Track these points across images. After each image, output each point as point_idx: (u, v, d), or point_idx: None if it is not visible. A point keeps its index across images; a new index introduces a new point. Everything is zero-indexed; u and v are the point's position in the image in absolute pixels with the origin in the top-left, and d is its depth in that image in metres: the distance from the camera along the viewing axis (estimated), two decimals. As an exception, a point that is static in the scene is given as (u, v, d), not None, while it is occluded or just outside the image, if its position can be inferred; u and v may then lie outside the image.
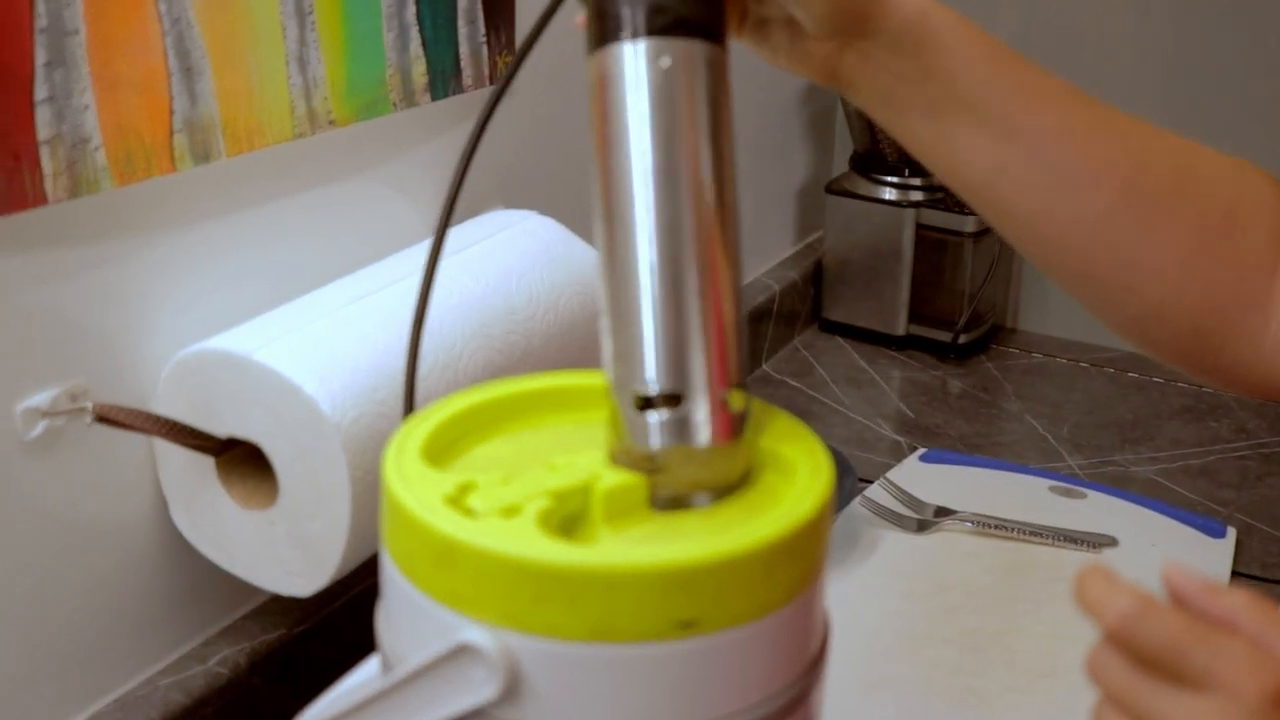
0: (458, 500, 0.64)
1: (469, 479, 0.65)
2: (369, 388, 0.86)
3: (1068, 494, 1.28)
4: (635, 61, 0.62)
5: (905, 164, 1.54)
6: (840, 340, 1.61)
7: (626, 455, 0.66)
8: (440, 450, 0.70)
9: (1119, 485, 1.32)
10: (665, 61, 0.60)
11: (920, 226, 1.53)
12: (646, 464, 0.66)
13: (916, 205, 1.53)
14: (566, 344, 1.00)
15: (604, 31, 0.63)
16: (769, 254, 1.60)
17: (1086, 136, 0.76)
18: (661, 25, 0.60)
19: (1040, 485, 1.29)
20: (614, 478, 0.66)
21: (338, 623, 0.99)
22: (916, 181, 1.54)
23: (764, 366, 1.54)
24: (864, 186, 1.56)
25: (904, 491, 1.25)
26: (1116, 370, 1.55)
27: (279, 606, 0.97)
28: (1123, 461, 1.36)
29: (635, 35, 0.61)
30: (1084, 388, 1.52)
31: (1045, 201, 0.75)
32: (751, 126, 1.51)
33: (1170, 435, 1.42)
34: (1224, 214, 0.76)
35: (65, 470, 0.86)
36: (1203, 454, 1.38)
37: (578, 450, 0.70)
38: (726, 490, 0.68)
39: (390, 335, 0.89)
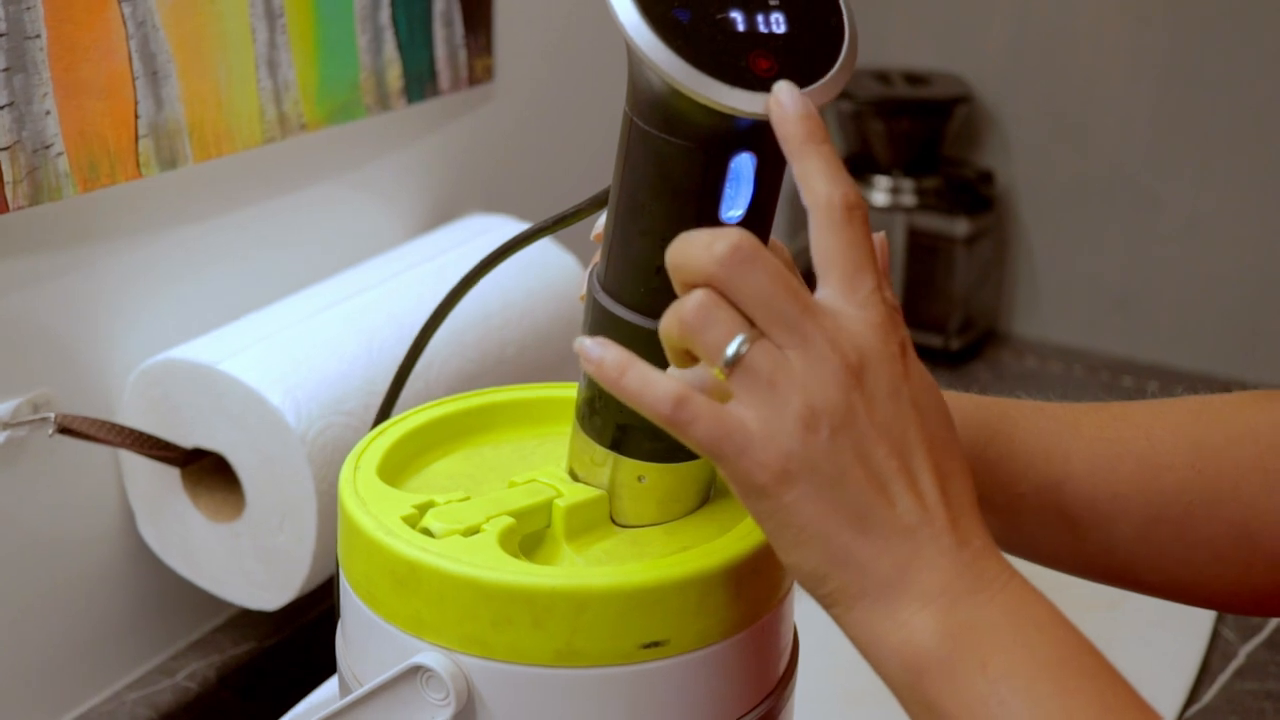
0: (416, 520, 0.62)
1: (427, 498, 0.64)
2: (336, 398, 0.84)
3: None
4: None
5: (896, 165, 1.53)
6: (831, 345, 1.59)
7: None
8: (398, 467, 0.68)
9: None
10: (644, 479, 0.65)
11: (912, 231, 1.51)
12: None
13: (908, 209, 1.51)
14: (542, 352, 0.98)
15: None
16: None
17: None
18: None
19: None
20: (574, 494, 0.65)
21: (308, 636, 0.97)
22: (908, 184, 1.53)
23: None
24: (855, 189, 1.54)
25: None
26: (1111, 375, 1.53)
27: (249, 620, 0.96)
28: (1115, 469, 1.34)
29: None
30: (1078, 396, 1.48)
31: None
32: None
33: (1163, 442, 1.40)
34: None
35: (28, 482, 0.84)
36: (1196, 462, 1.36)
37: (537, 465, 0.69)
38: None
39: (359, 344, 0.87)
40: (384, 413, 0.75)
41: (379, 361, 0.87)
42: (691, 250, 0.54)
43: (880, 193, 1.53)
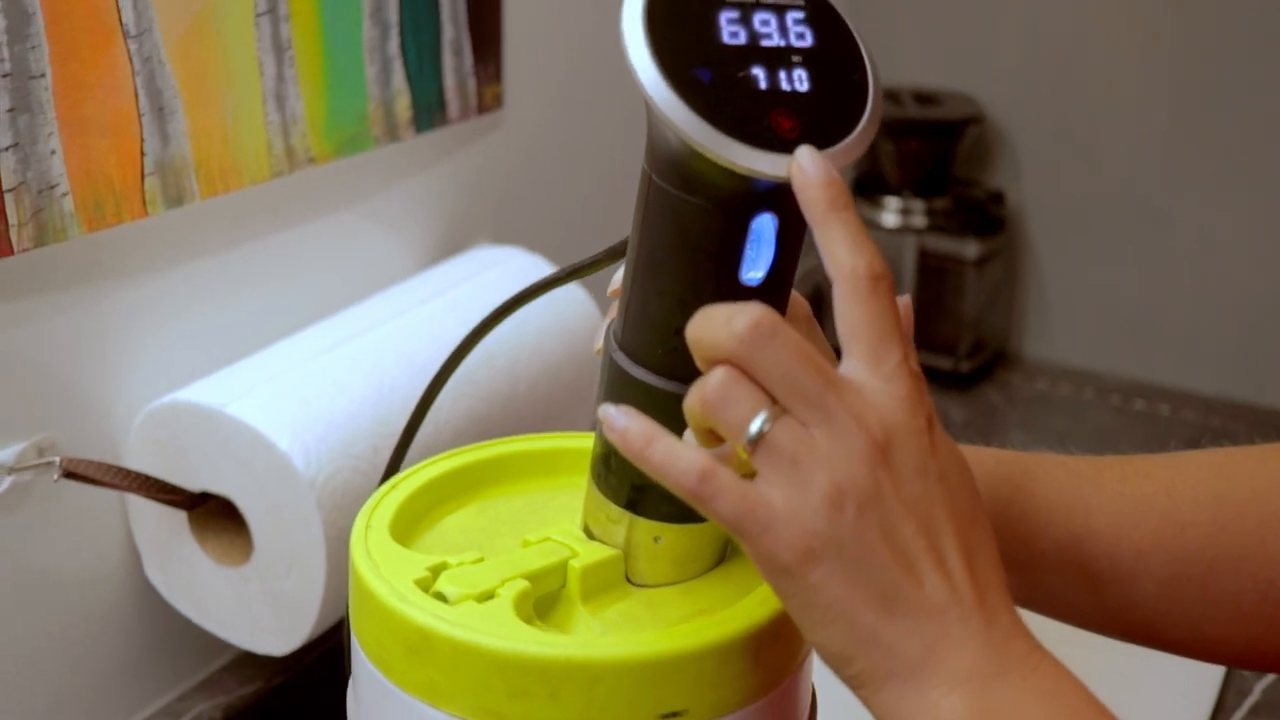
0: (429, 584, 0.61)
1: (440, 560, 0.62)
2: (345, 441, 0.83)
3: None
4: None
5: (906, 186, 1.51)
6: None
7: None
8: (410, 522, 0.67)
9: (1123, 522, 1.28)
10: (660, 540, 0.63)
11: (922, 252, 1.50)
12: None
13: (918, 231, 1.50)
14: (552, 389, 0.97)
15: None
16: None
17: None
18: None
19: (1042, 522, 1.26)
20: (589, 555, 0.64)
21: (315, 676, 0.96)
22: (918, 205, 1.51)
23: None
24: (864, 210, 1.53)
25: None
26: (1122, 398, 1.52)
27: (255, 660, 0.94)
28: (1127, 496, 1.33)
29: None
30: (1089, 419, 1.48)
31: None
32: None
33: (1176, 468, 1.38)
34: None
35: (34, 524, 0.83)
36: (1209, 488, 1.35)
37: (551, 520, 0.67)
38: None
39: (367, 385, 0.86)
40: (394, 464, 0.74)
41: (388, 401, 0.86)
42: (711, 327, 0.53)
43: (890, 214, 1.52)
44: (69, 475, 0.81)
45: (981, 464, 0.69)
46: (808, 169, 0.53)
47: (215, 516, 0.86)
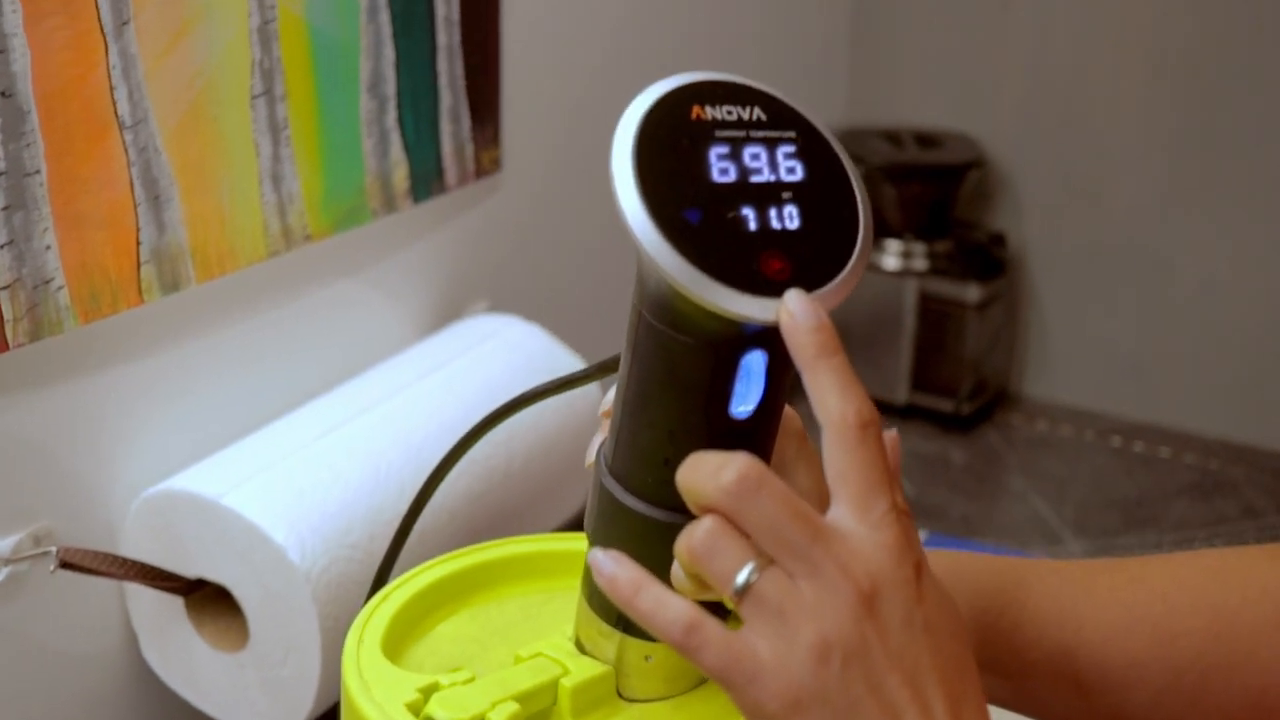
0: (420, 707, 0.61)
1: (431, 680, 0.63)
2: (340, 530, 0.83)
3: (1070, 586, 1.25)
4: None
5: (907, 229, 1.51)
6: (841, 406, 1.57)
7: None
8: (402, 632, 0.67)
9: (1123, 573, 1.28)
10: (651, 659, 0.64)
11: (923, 295, 1.50)
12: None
13: (919, 274, 1.50)
14: (549, 461, 0.97)
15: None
16: (769, 316, 1.56)
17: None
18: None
19: (1042, 576, 1.26)
20: (580, 672, 0.64)
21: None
22: (919, 248, 1.51)
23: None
24: (865, 252, 1.53)
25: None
26: (1123, 440, 1.52)
27: (253, 736, 0.95)
28: (1126, 546, 1.33)
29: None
30: (1089, 463, 1.48)
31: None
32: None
33: (1175, 515, 1.38)
34: None
35: (33, 610, 0.83)
36: (1208, 536, 1.35)
37: (545, 629, 0.68)
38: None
39: (363, 471, 0.86)
40: (386, 568, 0.74)
41: (384, 487, 0.86)
42: (699, 478, 0.53)
43: (891, 256, 1.52)
44: (65, 566, 0.81)
45: (975, 575, 0.69)
46: (796, 314, 0.53)
47: (212, 602, 0.86)
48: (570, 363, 1.01)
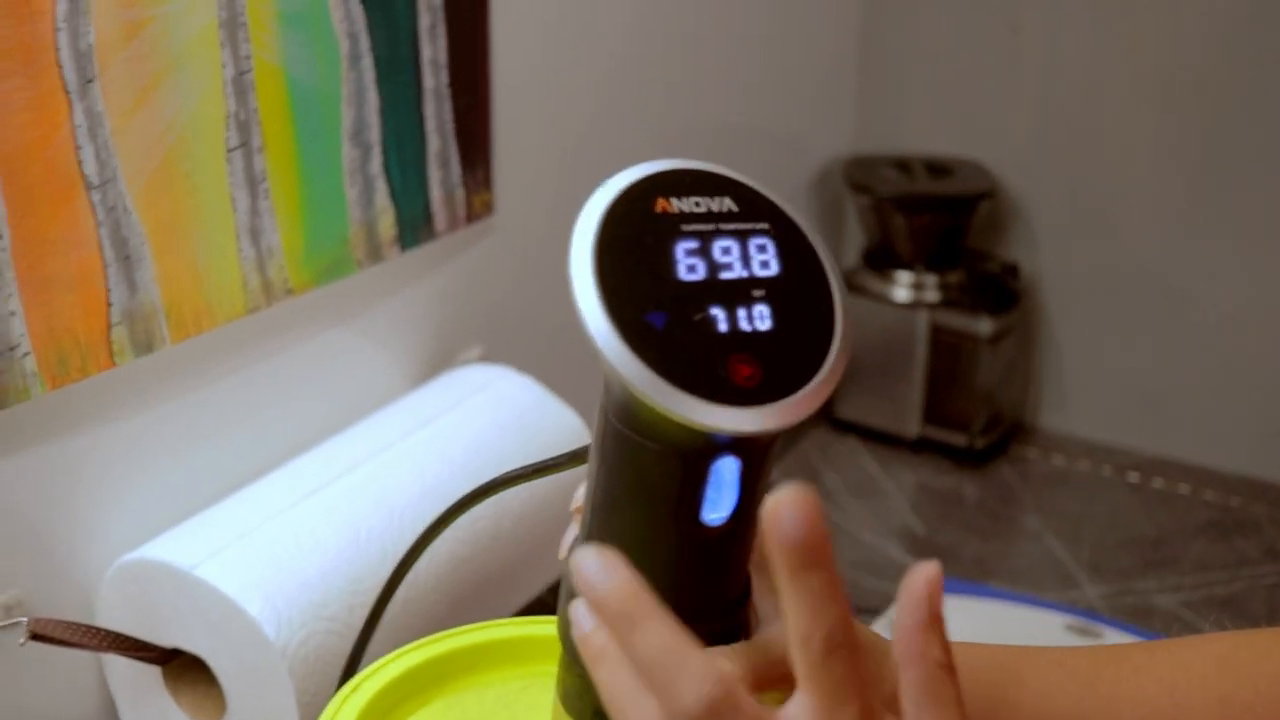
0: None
1: (399, 782, 0.60)
2: (317, 603, 0.80)
3: (1083, 633, 1.21)
4: None
5: (918, 260, 1.48)
6: (853, 441, 1.54)
7: None
8: (375, 724, 0.64)
9: (1140, 619, 1.25)
10: None
11: (934, 328, 1.46)
12: None
13: (930, 306, 1.46)
14: (539, 522, 0.94)
15: None
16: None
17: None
18: None
19: (1056, 623, 1.22)
20: (559, 770, 0.61)
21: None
22: (931, 279, 1.48)
23: (770, 474, 1.48)
24: (875, 283, 1.49)
25: (910, 633, 1.19)
26: (1141, 475, 1.48)
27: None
28: (1144, 589, 1.29)
29: None
30: (1106, 499, 1.45)
31: None
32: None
33: (1195, 556, 1.35)
34: None
35: (7, 676, 0.81)
36: (1228, 579, 1.31)
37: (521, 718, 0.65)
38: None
39: (343, 538, 0.83)
40: (358, 653, 0.71)
41: (365, 554, 0.83)
42: (667, 694, 0.49)
43: (902, 288, 1.48)
44: (36, 637, 0.79)
45: (970, 666, 0.65)
46: (785, 523, 0.48)
47: (190, 670, 0.84)
48: (562, 417, 0.98)
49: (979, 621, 1.22)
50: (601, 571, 0.50)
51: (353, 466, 0.89)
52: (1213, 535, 1.39)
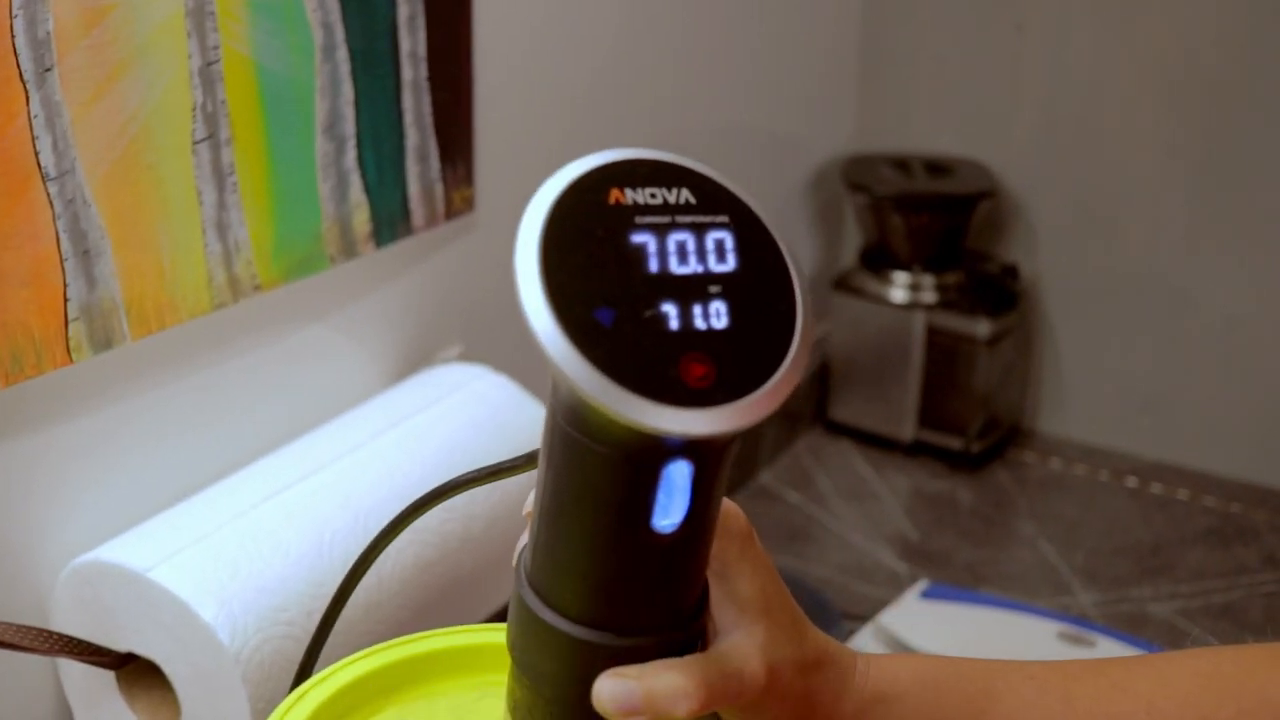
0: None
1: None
2: (275, 607, 0.78)
3: (1076, 641, 1.19)
4: None
5: (915, 260, 1.45)
6: (846, 443, 1.52)
7: None
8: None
9: (1133, 627, 1.23)
10: None
11: (931, 329, 1.44)
12: None
13: (928, 307, 1.44)
14: (510, 526, 0.92)
15: None
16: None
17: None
18: None
19: (1048, 631, 1.20)
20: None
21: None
22: (928, 280, 1.45)
23: (762, 476, 1.46)
24: (872, 284, 1.47)
25: (897, 640, 1.17)
26: (1139, 480, 1.46)
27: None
28: (1139, 597, 1.27)
29: None
30: (1103, 505, 1.42)
31: None
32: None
33: (1192, 564, 1.32)
34: None
35: (-45, 684, 0.79)
36: (1226, 588, 1.28)
37: (473, 731, 0.63)
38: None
39: (304, 542, 0.81)
40: (311, 655, 0.69)
41: (328, 557, 0.81)
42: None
43: (899, 289, 1.46)
44: (-13, 640, 0.77)
45: (940, 681, 0.63)
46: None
47: (145, 675, 0.82)
48: (536, 415, 0.96)
49: (968, 629, 1.20)
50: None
51: (319, 467, 0.87)
52: (1211, 542, 1.36)
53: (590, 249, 0.50)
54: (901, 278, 1.46)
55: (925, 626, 1.19)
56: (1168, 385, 1.47)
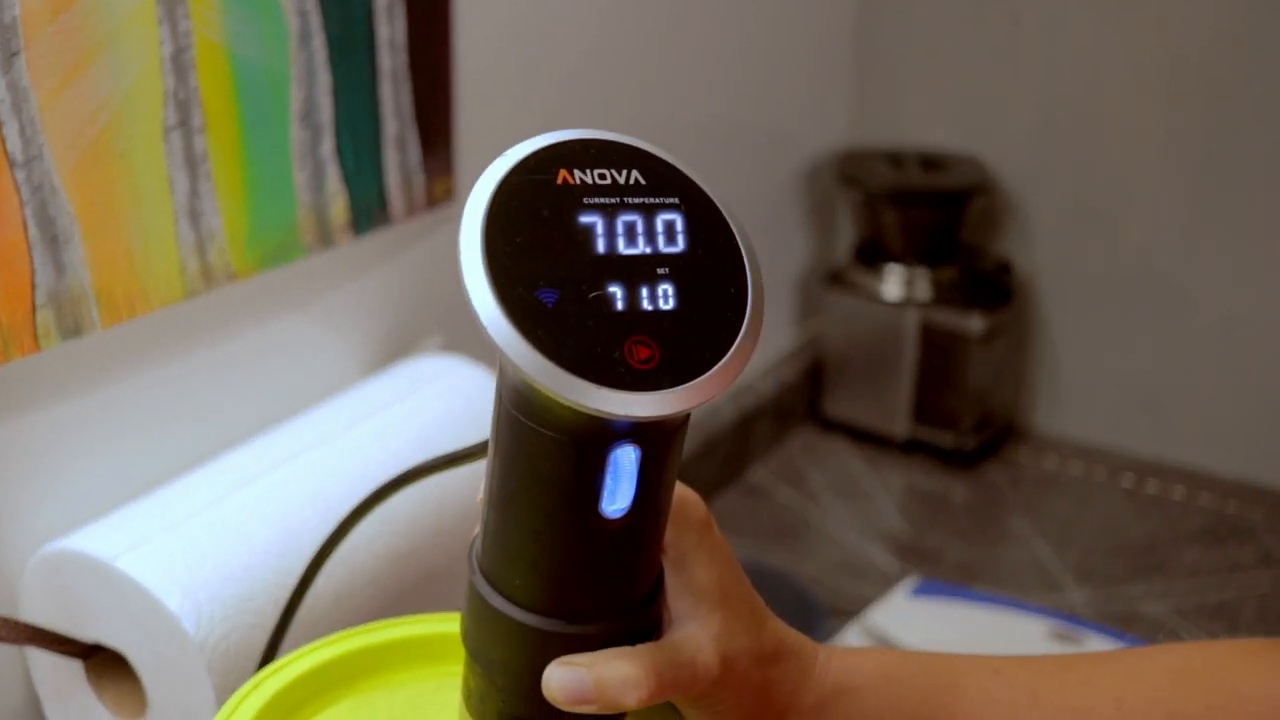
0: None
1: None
2: (242, 596, 0.77)
3: (1066, 639, 1.18)
4: None
5: (909, 256, 1.44)
6: (839, 440, 1.51)
7: None
8: (278, 722, 0.62)
9: (1125, 625, 1.21)
10: None
11: (925, 326, 1.43)
12: None
13: (921, 304, 1.43)
14: (488, 517, 0.91)
15: None
16: (765, 343, 1.50)
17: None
18: None
19: (1037, 629, 1.19)
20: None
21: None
22: (923, 274, 1.44)
23: (753, 473, 1.45)
24: (866, 279, 1.46)
25: (884, 637, 1.16)
26: (1135, 478, 1.45)
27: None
28: (1132, 596, 1.26)
29: None
30: (1097, 504, 1.41)
31: None
32: (749, 208, 1.42)
33: (1187, 563, 1.31)
34: None
35: (-78, 673, 0.79)
36: (1220, 587, 1.27)
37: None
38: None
39: (273, 532, 0.81)
40: (274, 644, 0.69)
41: (295, 548, 0.81)
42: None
43: (892, 284, 1.45)
44: (-48, 629, 0.77)
45: (902, 675, 0.62)
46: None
47: (113, 665, 0.81)
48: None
49: (957, 627, 1.19)
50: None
51: (291, 457, 0.86)
52: (1207, 541, 1.35)
53: (536, 229, 0.49)
54: (895, 273, 1.45)
55: (913, 624, 1.18)
56: (1164, 383, 1.46)
